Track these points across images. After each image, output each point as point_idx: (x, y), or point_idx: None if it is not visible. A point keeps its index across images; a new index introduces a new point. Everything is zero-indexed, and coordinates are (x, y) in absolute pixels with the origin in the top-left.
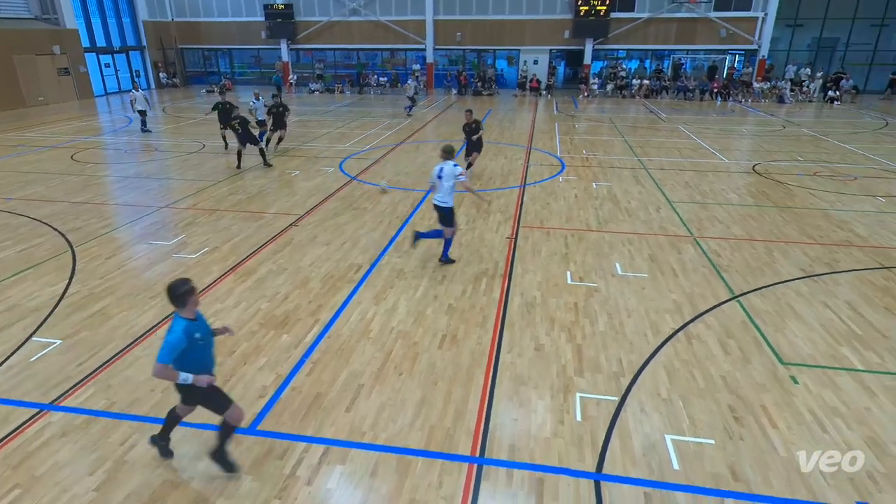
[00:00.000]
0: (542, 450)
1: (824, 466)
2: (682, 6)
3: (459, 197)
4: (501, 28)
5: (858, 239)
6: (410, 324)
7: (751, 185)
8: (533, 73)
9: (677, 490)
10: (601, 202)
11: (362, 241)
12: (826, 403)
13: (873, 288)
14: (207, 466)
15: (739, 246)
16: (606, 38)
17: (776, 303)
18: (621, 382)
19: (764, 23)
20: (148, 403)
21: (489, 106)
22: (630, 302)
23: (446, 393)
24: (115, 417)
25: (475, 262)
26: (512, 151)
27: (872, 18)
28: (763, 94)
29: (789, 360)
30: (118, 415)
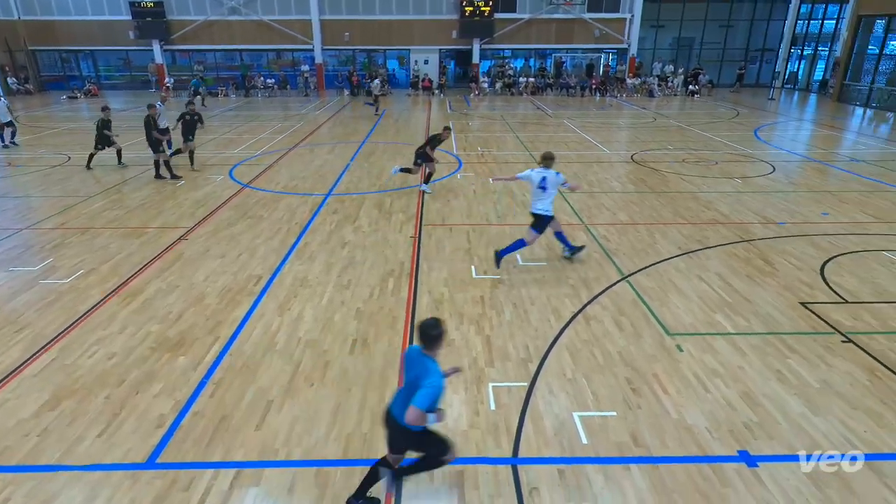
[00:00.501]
0: (461, 443)
1: (825, 467)
2: (558, 7)
3: (361, 198)
4: (389, 28)
5: (722, 217)
6: (318, 332)
7: (631, 174)
8: (424, 72)
9: (587, 463)
10: (499, 197)
11: (260, 251)
12: (707, 366)
13: (737, 259)
14: None
15: (625, 230)
16: (492, 38)
17: (659, 280)
18: (530, 368)
19: (631, 24)
20: (21, 451)
21: (383, 107)
22: (532, 290)
23: (361, 398)
24: None
25: (380, 264)
26: (409, 151)
27: (720, 20)
28: (635, 89)
29: (674, 331)
30: None
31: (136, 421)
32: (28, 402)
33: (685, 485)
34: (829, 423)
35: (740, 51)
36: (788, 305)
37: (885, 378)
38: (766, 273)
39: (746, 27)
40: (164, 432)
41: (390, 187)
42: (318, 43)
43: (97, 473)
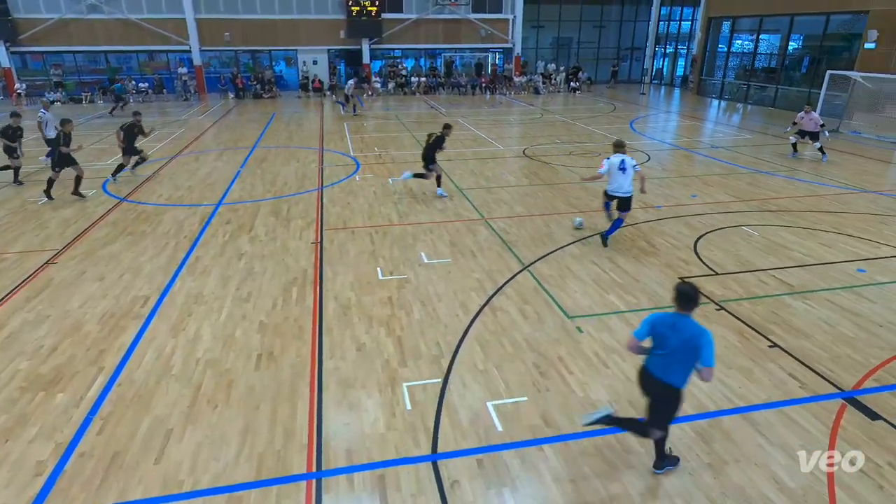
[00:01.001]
0: (379, 447)
1: (824, 467)
2: (444, 8)
3: (255, 206)
4: (274, 28)
5: None
6: (219, 350)
7: (524, 168)
8: (314, 73)
9: (503, 449)
10: (399, 196)
11: (146, 269)
12: (605, 344)
13: (624, 243)
14: None
15: (523, 222)
16: (381, 38)
17: (557, 267)
18: (442, 364)
19: (514, 24)
20: None
21: (272, 109)
22: (439, 287)
23: (271, 414)
24: None
25: (282, 273)
26: (304, 154)
27: (594, 21)
28: (522, 86)
29: (574, 314)
30: None
31: (8, 472)
32: None
33: (594, 457)
34: (711, 383)
35: (613, 49)
36: (670, 281)
37: (752, 338)
38: (649, 253)
39: (617, 27)
40: (44, 480)
41: (286, 193)
42: (195, 43)
43: None
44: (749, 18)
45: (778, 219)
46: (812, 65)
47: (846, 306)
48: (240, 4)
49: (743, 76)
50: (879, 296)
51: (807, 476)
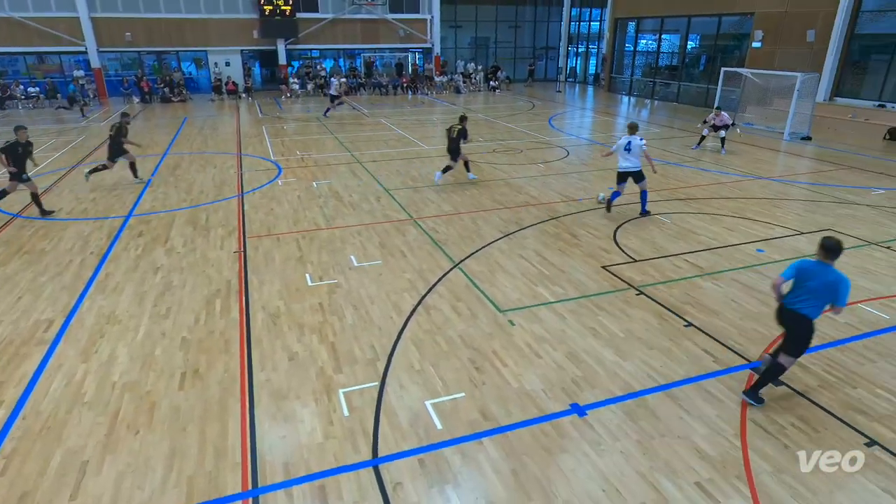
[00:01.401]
0: (317, 457)
1: (824, 467)
2: (361, 7)
3: (170, 216)
4: (180, 28)
5: (533, 199)
6: (138, 372)
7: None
8: (227, 75)
9: (444, 446)
10: (325, 200)
11: (47, 291)
12: (536, 335)
13: (549, 236)
14: None
15: (451, 220)
16: (297, 38)
17: (486, 262)
18: (378, 367)
19: (432, 24)
20: None
21: (184, 114)
22: (371, 290)
23: (199, 435)
24: None
25: (204, 285)
26: (221, 160)
27: (509, 21)
28: (443, 86)
29: (505, 308)
30: None
31: None
32: None
33: (531, 445)
34: (635, 364)
35: (529, 49)
36: (593, 270)
37: (670, 319)
38: (573, 245)
39: (532, 28)
40: None
41: (204, 201)
42: (91, 44)
43: None
44: (651, 19)
45: (687, 206)
46: (709, 63)
47: (749, 284)
48: (141, 3)
49: (649, 74)
50: (778, 272)
51: (724, 444)
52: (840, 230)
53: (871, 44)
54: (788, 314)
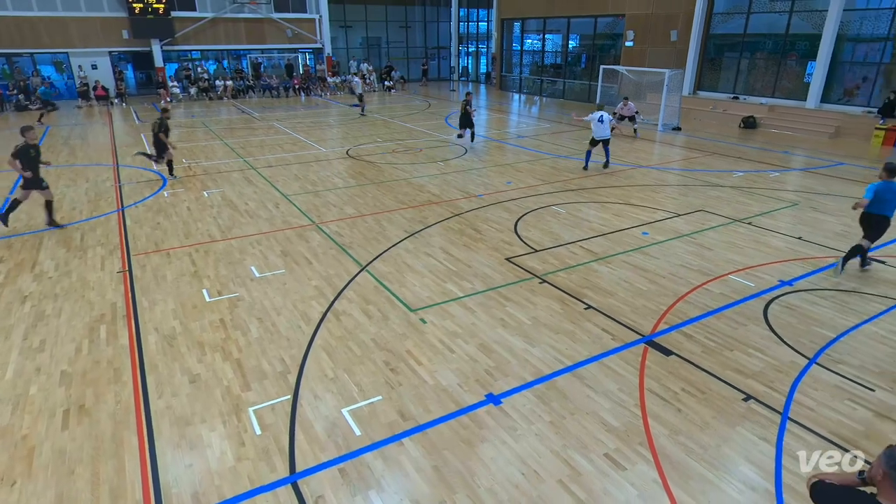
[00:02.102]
0: (230, 481)
1: (824, 466)
2: (244, 7)
3: (36, 238)
4: (34, 27)
5: (435, 197)
6: (9, 416)
7: (349, 168)
8: (95, 79)
9: (364, 452)
10: (218, 210)
11: None
12: (448, 331)
13: (453, 232)
14: None
15: (355, 223)
16: (174, 39)
17: (394, 263)
18: (289, 379)
19: (321, 24)
20: None
21: (45, 122)
22: (276, 300)
23: (91, 476)
24: None
25: (84, 312)
26: (94, 172)
27: (399, 21)
28: (337, 87)
29: (415, 307)
30: None
31: None
32: None
33: (451, 439)
34: (543, 349)
35: (421, 48)
36: (498, 263)
37: (571, 303)
38: (477, 239)
39: (422, 28)
40: None
41: (78, 219)
42: None
43: None
44: (535, 20)
45: (578, 196)
46: (589, 61)
47: (638, 265)
48: None
49: (536, 72)
50: (661, 252)
51: (626, 414)
52: (710, 210)
53: (723, 42)
54: (871, 217)
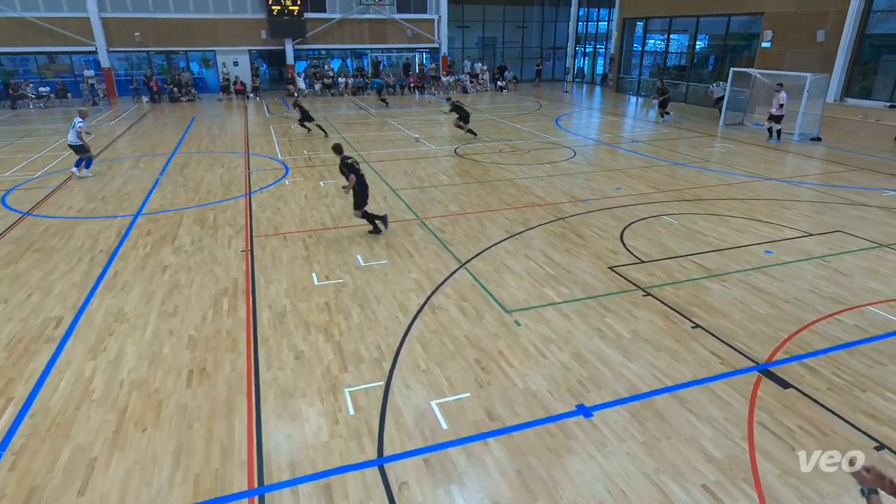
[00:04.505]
0: (323, 456)
1: (824, 466)
2: (369, 8)
3: (178, 215)
4: (190, 28)
5: (539, 199)
6: (145, 370)
7: (456, 166)
8: (235, 75)
9: (449, 446)
10: (332, 199)
11: (57, 288)
12: (542, 335)
13: (555, 236)
14: None
15: (457, 220)
16: (305, 38)
17: (493, 263)
18: (384, 366)
19: (439, 24)
20: None
21: (192, 113)
22: (377, 289)
23: (206, 433)
24: None
25: (211, 284)
26: (229, 159)
27: (517, 21)
28: (450, 86)
29: (511, 308)
30: None
31: None
32: None
33: (537, 446)
34: (642, 366)
35: (536, 49)
36: (600, 271)
37: (677, 321)
38: (579, 245)
39: (539, 28)
40: None
41: (212, 200)
42: (101, 44)
43: None
44: (659, 19)
45: (694, 207)
46: (717, 63)
47: (757, 285)
48: (151, 3)
49: (657, 74)
50: (785, 274)
51: (731, 446)
52: (850, 232)
53: (882, 44)
54: None
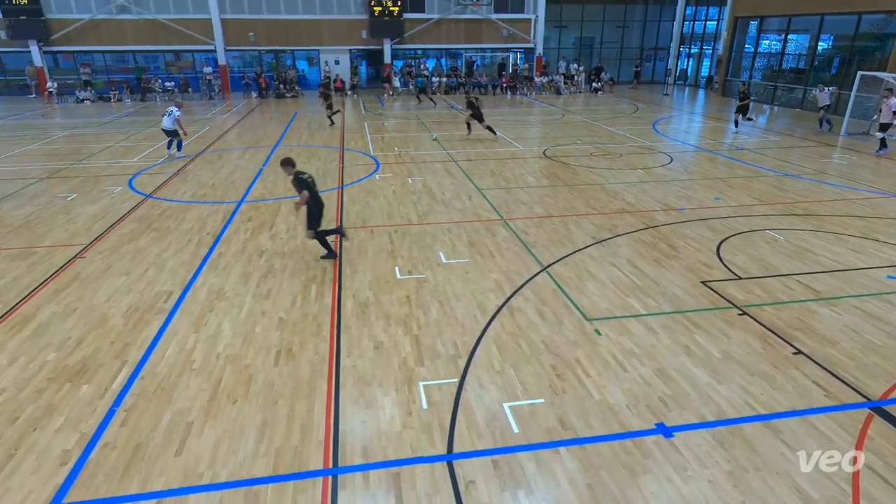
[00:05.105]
0: (395, 445)
1: (824, 466)
2: (466, 8)
3: (276, 205)
4: (297, 28)
5: (629, 205)
6: (239, 346)
7: (544, 168)
8: (336, 73)
9: (519, 451)
10: (418, 196)
11: (169, 265)
12: (623, 347)
13: (645, 245)
14: None
15: (542, 223)
16: (403, 38)
17: (576, 268)
18: (459, 364)
19: (536, 24)
20: None
21: (294, 109)
22: (457, 287)
23: (289, 410)
24: None
25: (302, 271)
26: (325, 153)
27: (617, 21)
28: (543, 87)
29: (592, 316)
30: None
31: (35, 460)
32: None
33: (610, 460)
34: (732, 389)
35: (636, 49)
36: (691, 285)
37: (776, 344)
38: (670, 256)
39: (640, 27)
40: (69, 470)
41: None
42: (220, 43)
43: None
44: (777, 18)
45: (804, 223)
46: (842, 65)
47: (874, 313)
48: (264, 4)
49: (770, 77)
50: None
51: (830, 487)
52: None
53: None
54: None
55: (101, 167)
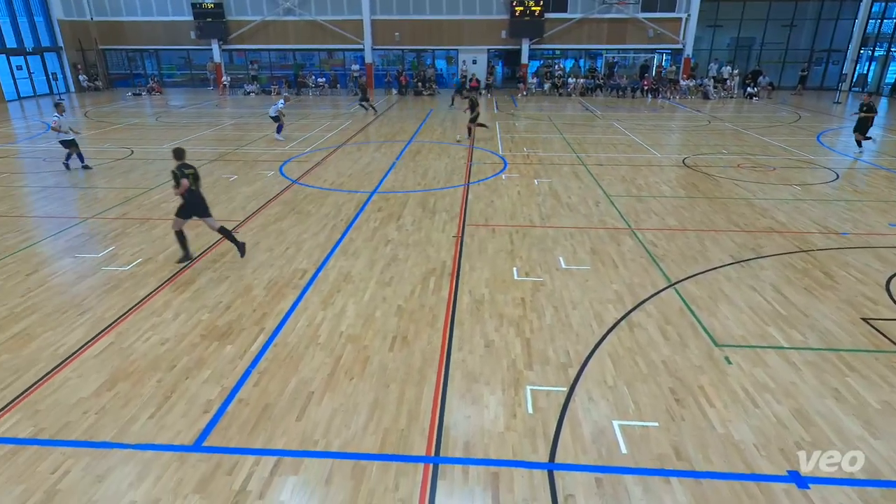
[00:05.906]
0: (496, 444)
1: (824, 467)
2: (612, 7)
3: (405, 197)
4: (439, 28)
5: (779, 225)
6: (360, 327)
7: (681, 178)
8: (472, 72)
9: (626, 473)
10: (543, 198)
11: (306, 246)
12: (757, 380)
13: (794, 270)
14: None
15: (673, 236)
16: (542, 38)
17: (709, 288)
18: (569, 373)
19: (687, 23)
20: (80, 427)
21: (430, 106)
22: (574, 294)
23: (399, 394)
24: (44, 444)
25: (423, 263)
26: (455, 150)
27: (783, 20)
28: (689, 90)
29: (723, 342)
30: (47, 441)
31: (185, 405)
32: (88, 381)
33: (729, 502)
34: (890, 446)
35: (804, 52)
36: (849, 321)
37: None
38: (825, 286)
39: (812, 27)
40: (210, 417)
41: (435, 186)
42: (368, 43)
43: (148, 453)
44: None
45: None
46: None
47: None
48: (411, 5)
49: None
50: None
51: None
52: None
53: None
54: None
55: (258, 153)
